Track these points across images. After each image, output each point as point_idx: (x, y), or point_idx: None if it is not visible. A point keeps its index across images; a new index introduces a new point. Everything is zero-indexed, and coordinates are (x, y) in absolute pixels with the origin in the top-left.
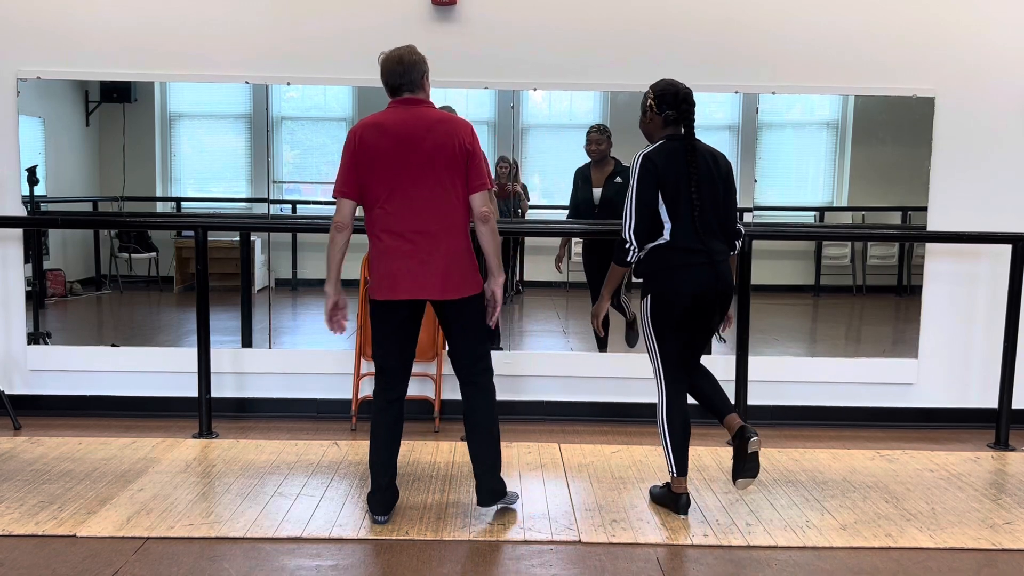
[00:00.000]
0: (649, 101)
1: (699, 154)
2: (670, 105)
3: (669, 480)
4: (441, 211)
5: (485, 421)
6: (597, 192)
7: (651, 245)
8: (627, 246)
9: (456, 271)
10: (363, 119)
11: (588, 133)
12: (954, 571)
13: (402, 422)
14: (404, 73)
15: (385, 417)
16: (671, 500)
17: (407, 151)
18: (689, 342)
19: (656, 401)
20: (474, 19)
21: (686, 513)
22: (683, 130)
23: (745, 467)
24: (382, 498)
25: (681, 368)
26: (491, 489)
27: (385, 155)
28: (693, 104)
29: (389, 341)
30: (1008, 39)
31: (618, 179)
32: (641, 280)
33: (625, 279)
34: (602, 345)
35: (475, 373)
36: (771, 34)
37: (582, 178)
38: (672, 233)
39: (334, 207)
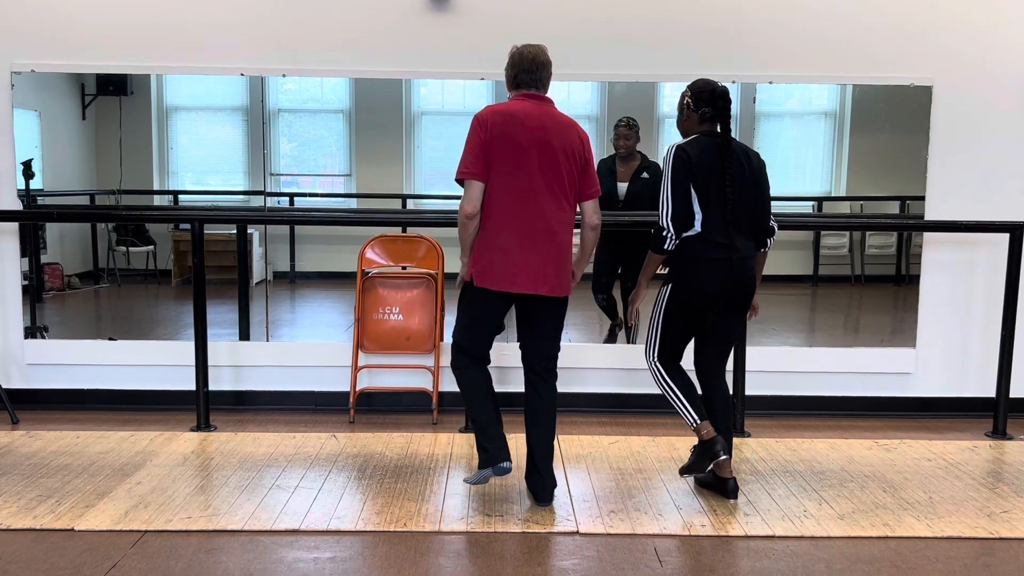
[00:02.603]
0: (686, 99)
1: (732, 151)
2: (707, 103)
3: (697, 437)
4: (561, 210)
5: (551, 419)
6: (623, 187)
7: (683, 235)
8: (664, 233)
9: (566, 270)
10: (490, 106)
11: (616, 127)
12: (951, 560)
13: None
14: (536, 71)
15: (484, 382)
16: (708, 450)
17: (540, 146)
18: (698, 336)
19: (653, 380)
20: (470, 10)
21: (729, 454)
22: (719, 127)
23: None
24: (504, 445)
25: (677, 355)
26: (552, 487)
27: (518, 145)
28: (729, 102)
29: (487, 329)
30: (1006, 28)
31: (645, 174)
32: (667, 269)
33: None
34: (615, 333)
35: (549, 371)
36: (768, 23)
37: (607, 170)
38: (703, 225)
39: (336, 201)
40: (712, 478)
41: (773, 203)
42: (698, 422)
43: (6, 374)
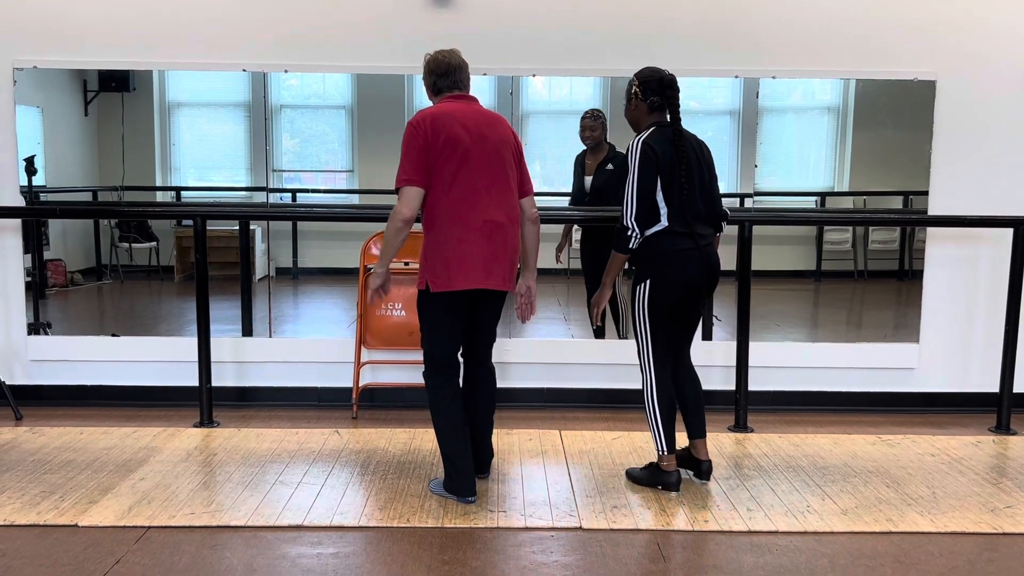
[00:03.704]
0: (634, 88)
1: (686, 140)
2: (655, 91)
3: (657, 460)
4: (507, 204)
5: (493, 398)
6: (588, 180)
7: (649, 231)
8: (628, 232)
9: (515, 265)
10: (423, 110)
11: (582, 119)
12: (955, 555)
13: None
14: (453, 73)
15: (458, 407)
16: (661, 478)
17: (478, 143)
18: (679, 328)
19: (641, 383)
20: (472, 5)
21: (679, 490)
22: (669, 117)
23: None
24: (471, 480)
25: (668, 353)
26: (490, 459)
27: (459, 143)
28: (678, 90)
29: (455, 331)
30: (1009, 22)
31: (610, 166)
32: (635, 267)
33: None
34: (598, 333)
35: (489, 357)
36: (771, 18)
37: (579, 165)
38: (668, 218)
39: (338, 197)
40: (687, 455)
41: (776, 198)
42: (665, 452)
43: (9, 370)
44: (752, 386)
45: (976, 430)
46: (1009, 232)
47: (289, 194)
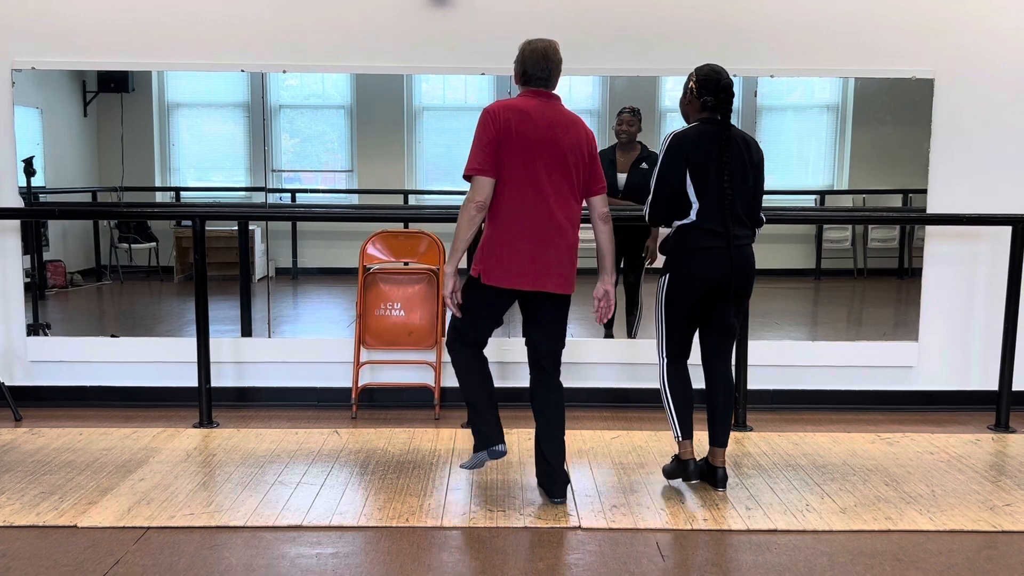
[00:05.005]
0: (691, 84)
1: (732, 140)
2: (710, 92)
3: (677, 451)
4: (569, 207)
5: (560, 416)
6: (622, 177)
7: (678, 224)
8: (643, 215)
9: (572, 267)
10: (500, 101)
11: (620, 114)
12: (954, 553)
13: None
14: (547, 69)
15: (479, 364)
16: (680, 469)
17: (549, 144)
18: (702, 327)
19: (657, 375)
20: (471, 5)
21: (696, 479)
22: (719, 117)
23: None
24: (498, 430)
25: (683, 348)
26: (565, 481)
27: (529, 142)
28: (732, 95)
29: (489, 322)
30: (1008, 21)
31: (644, 165)
32: (663, 259)
33: (643, 270)
34: (605, 331)
35: (554, 368)
36: (770, 16)
37: (607, 161)
38: (699, 214)
39: (338, 197)
40: (704, 465)
41: (775, 196)
42: (680, 439)
43: (9, 371)
44: (751, 384)
45: (975, 428)
46: (1008, 230)
47: (288, 194)
